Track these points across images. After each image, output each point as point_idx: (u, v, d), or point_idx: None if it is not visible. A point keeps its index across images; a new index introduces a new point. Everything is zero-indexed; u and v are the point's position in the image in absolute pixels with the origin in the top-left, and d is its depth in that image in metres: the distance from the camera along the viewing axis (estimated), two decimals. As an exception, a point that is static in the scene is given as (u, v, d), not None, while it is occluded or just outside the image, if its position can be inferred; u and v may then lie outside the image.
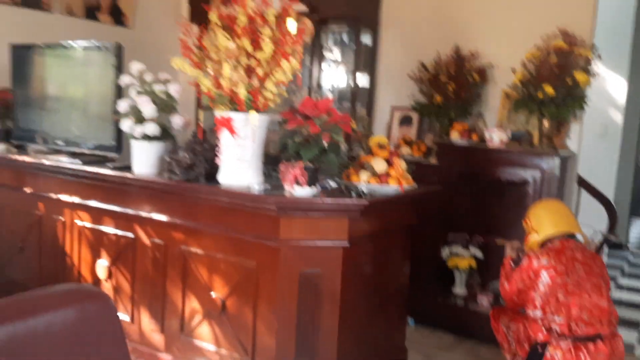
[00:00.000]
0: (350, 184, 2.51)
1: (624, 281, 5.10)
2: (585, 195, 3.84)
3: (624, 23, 4.92)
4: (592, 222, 3.30)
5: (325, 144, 2.25)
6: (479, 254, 3.61)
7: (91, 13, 4.20)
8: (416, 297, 3.27)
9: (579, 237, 2.73)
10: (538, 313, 2.49)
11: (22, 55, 3.42)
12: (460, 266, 3.61)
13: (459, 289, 3.70)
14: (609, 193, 4.88)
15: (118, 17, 4.38)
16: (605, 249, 4.64)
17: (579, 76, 3.27)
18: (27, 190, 3.29)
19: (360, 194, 2.38)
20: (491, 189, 3.67)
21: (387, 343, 2.91)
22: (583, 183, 3.78)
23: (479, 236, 3.66)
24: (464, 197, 3.63)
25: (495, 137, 3.45)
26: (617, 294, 4.62)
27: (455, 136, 3.67)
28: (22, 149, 3.43)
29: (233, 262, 2.55)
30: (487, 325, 2.92)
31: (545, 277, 2.47)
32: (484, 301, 3.56)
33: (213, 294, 2.60)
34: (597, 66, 3.43)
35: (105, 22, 4.30)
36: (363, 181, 2.52)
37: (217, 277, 2.61)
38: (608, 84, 4.90)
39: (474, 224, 3.68)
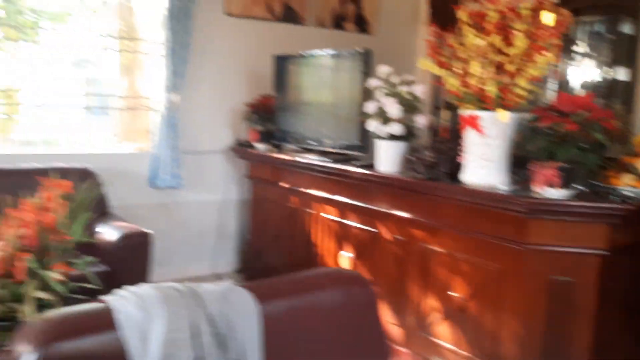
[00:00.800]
0: (609, 187, 2.28)
1: None
2: None
3: None
4: None
5: (583, 143, 2.08)
6: None
7: (338, 23, 4.53)
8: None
9: None
10: None
11: (281, 65, 3.84)
12: None
13: None
14: None
15: (362, 25, 4.65)
16: None
17: None
18: (283, 184, 3.69)
19: (622, 199, 2.14)
20: None
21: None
22: None
23: None
24: None
25: None
26: None
27: None
28: (280, 148, 3.86)
29: (474, 263, 2.51)
30: None
31: None
32: None
33: (453, 294, 2.60)
34: None
35: (350, 31, 4.59)
36: (625, 184, 2.26)
37: (457, 277, 2.59)
38: None
39: None
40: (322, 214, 3.38)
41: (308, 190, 3.47)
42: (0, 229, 2.09)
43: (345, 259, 3.19)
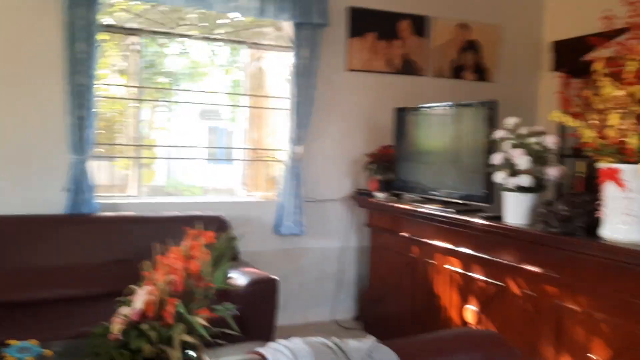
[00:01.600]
0: None
1: None
2: None
3: None
4: None
5: None
6: None
7: (457, 73, 4.55)
8: None
9: None
10: None
11: (401, 116, 3.91)
12: None
13: None
14: None
15: (481, 73, 4.63)
16: None
17: None
18: (404, 234, 3.70)
19: None
20: None
21: None
22: None
23: None
24: None
25: None
26: None
27: None
28: (399, 198, 3.89)
29: (616, 324, 2.34)
30: None
31: None
32: None
33: (592, 356, 2.44)
34: None
35: (469, 79, 4.59)
36: None
37: (596, 339, 2.43)
38: None
39: None
40: (445, 265, 3.33)
41: (429, 241, 3.45)
42: (151, 275, 2.30)
43: (470, 312, 3.11)
